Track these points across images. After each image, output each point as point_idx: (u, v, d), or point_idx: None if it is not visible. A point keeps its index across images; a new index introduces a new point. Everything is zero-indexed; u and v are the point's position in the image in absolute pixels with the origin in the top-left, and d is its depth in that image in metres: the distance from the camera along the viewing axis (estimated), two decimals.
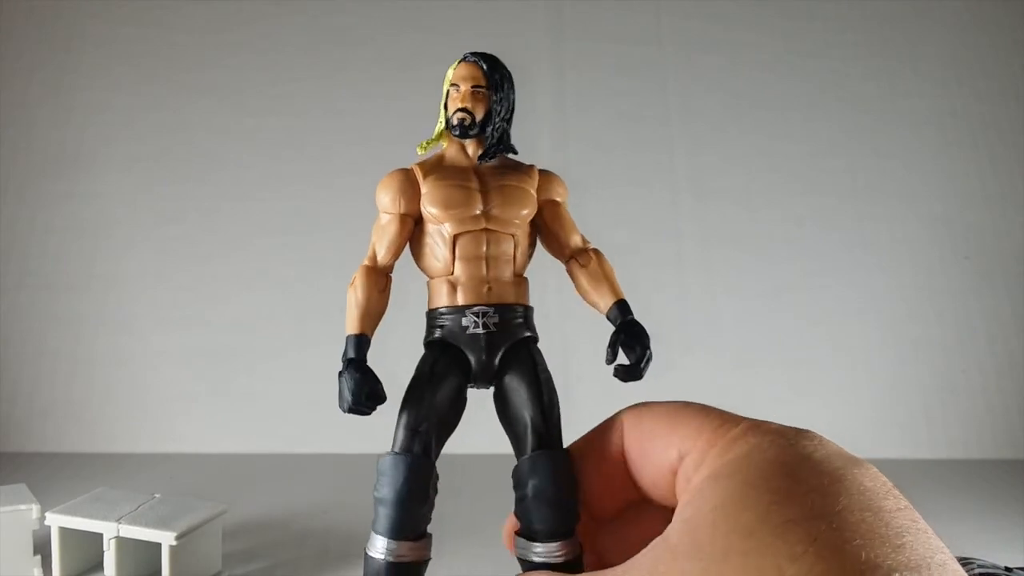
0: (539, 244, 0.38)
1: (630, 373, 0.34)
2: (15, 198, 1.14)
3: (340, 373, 0.33)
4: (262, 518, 0.88)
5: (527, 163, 0.38)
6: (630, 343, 0.34)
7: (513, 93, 0.37)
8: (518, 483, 0.33)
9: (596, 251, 0.37)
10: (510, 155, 0.37)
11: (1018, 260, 1.23)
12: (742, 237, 1.23)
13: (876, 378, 1.20)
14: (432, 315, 0.35)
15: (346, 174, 1.16)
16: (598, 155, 1.17)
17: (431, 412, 0.33)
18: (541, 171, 0.38)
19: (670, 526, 0.26)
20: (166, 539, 0.65)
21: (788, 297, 1.22)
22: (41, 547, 0.70)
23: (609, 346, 0.34)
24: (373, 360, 0.34)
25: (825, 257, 1.24)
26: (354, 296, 0.35)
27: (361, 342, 0.34)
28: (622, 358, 0.34)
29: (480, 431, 0.39)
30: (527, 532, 0.33)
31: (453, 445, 0.35)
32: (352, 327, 0.34)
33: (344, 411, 0.33)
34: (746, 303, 1.22)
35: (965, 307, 1.22)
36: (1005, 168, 1.24)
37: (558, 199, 0.37)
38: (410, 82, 0.97)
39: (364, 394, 0.33)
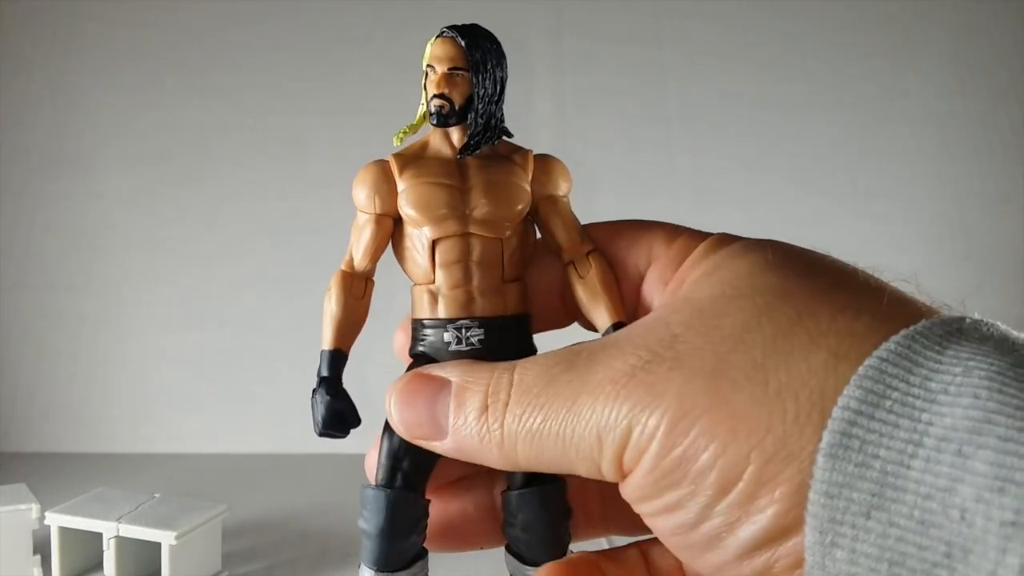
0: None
1: None
2: (15, 198, 1.14)
3: (312, 392, 0.31)
4: (262, 518, 0.88)
5: (524, 147, 0.33)
6: None
7: (501, 69, 0.33)
8: (507, 513, 0.32)
9: (596, 257, 0.32)
10: (504, 139, 0.33)
11: (1018, 260, 1.23)
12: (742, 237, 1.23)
13: None
14: (416, 326, 0.32)
15: (348, 175, 1.16)
16: (598, 155, 1.17)
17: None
18: (538, 156, 0.33)
19: (660, 311, 0.28)
20: (166, 539, 0.65)
21: None
22: (41, 547, 0.70)
23: None
24: (353, 377, 0.32)
25: None
26: (329, 306, 0.32)
27: (335, 358, 0.31)
28: None
29: None
30: (517, 555, 0.32)
31: None
32: (326, 341, 0.31)
33: (317, 435, 0.31)
34: None
35: (965, 307, 1.22)
36: (1005, 168, 1.24)
37: (557, 192, 0.33)
38: (411, 82, 0.97)
39: (335, 419, 0.31)
